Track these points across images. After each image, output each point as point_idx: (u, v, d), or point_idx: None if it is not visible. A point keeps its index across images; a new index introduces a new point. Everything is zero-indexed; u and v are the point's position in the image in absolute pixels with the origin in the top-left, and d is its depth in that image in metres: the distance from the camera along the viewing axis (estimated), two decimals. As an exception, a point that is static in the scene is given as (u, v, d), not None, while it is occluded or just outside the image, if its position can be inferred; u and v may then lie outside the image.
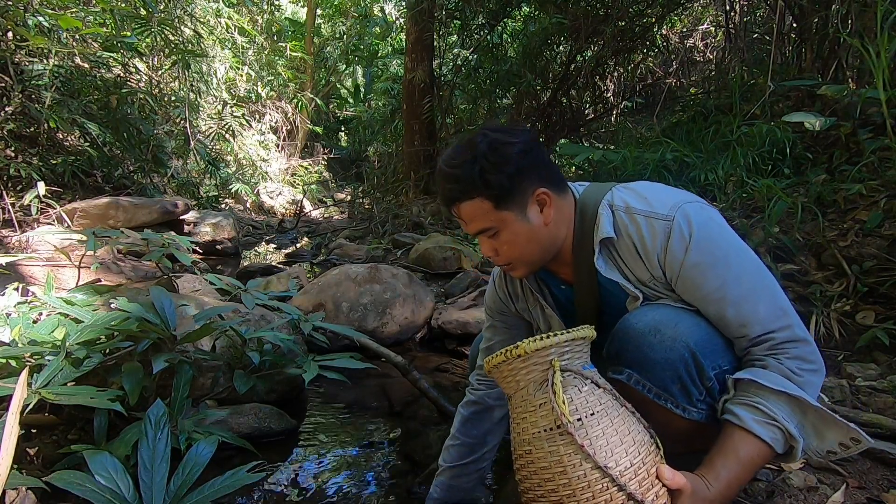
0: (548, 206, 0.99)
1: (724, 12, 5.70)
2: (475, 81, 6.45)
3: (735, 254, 0.90)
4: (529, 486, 0.75)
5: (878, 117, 2.74)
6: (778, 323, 0.87)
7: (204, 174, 6.91)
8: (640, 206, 0.95)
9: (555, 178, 1.01)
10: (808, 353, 0.87)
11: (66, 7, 4.56)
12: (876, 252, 2.20)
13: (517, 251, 1.00)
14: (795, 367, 0.86)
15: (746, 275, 0.89)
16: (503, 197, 0.95)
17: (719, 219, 0.93)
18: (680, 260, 0.90)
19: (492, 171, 0.94)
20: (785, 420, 0.82)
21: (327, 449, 1.46)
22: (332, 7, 12.78)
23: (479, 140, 0.96)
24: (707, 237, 0.90)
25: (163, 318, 1.42)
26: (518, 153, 0.96)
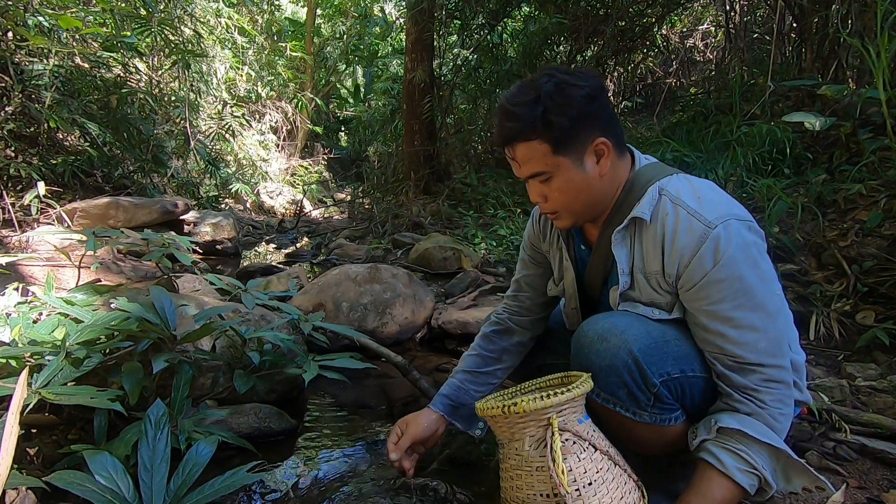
0: (605, 157, 0.96)
1: (724, 12, 5.70)
2: (475, 81, 6.45)
3: (761, 286, 0.89)
4: None
5: (878, 117, 2.74)
6: (772, 360, 0.90)
7: (204, 174, 6.91)
8: (691, 201, 0.92)
9: (618, 133, 0.99)
10: (787, 397, 0.91)
11: (66, 7, 4.56)
12: (876, 252, 2.20)
13: (566, 199, 0.99)
14: (777, 414, 0.90)
15: (763, 309, 0.90)
16: (562, 141, 0.93)
17: (761, 245, 0.92)
18: (706, 270, 0.89)
19: (555, 113, 0.91)
20: (763, 469, 0.87)
21: (327, 449, 1.46)
22: (332, 7, 12.77)
23: (544, 80, 0.93)
24: (741, 259, 0.88)
25: (163, 318, 1.42)
26: (584, 97, 0.92)
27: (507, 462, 0.80)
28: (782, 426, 0.90)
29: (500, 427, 0.82)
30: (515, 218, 4.67)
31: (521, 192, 5.49)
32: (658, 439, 0.98)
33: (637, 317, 0.97)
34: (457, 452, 1.44)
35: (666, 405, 0.93)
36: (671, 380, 0.92)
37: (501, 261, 3.86)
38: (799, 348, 1.04)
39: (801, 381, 1.02)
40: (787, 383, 0.91)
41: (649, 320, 0.96)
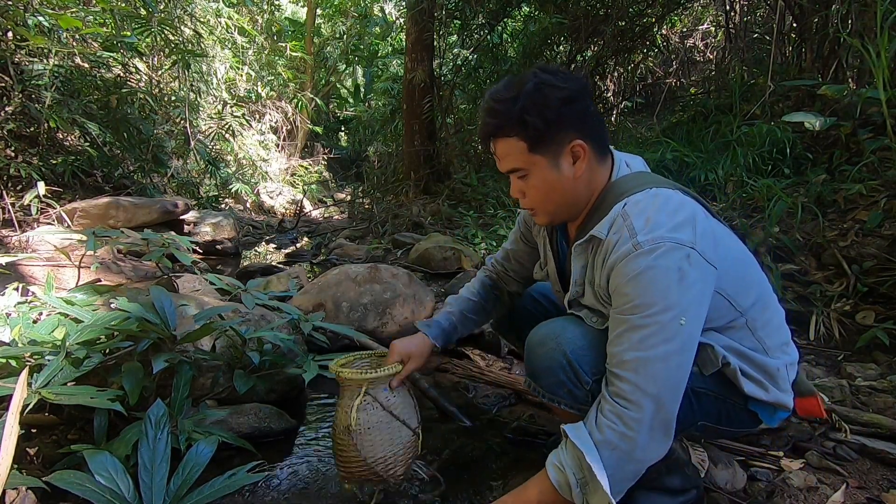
0: (581, 160, 0.98)
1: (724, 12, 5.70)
2: (475, 81, 6.45)
3: (660, 312, 0.86)
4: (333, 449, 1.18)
5: (878, 117, 2.74)
6: (630, 375, 0.86)
7: (204, 174, 6.90)
8: (638, 222, 0.92)
9: (598, 137, 1.00)
10: (632, 420, 0.85)
11: (66, 7, 4.56)
12: (876, 252, 2.20)
13: (541, 197, 1.02)
14: (606, 424, 0.87)
15: (647, 330, 0.86)
16: (538, 140, 0.96)
17: (689, 273, 0.87)
18: (617, 283, 0.91)
19: (531, 113, 0.94)
20: (568, 470, 0.88)
21: (327, 449, 1.46)
22: (332, 7, 12.77)
23: (527, 79, 0.95)
24: (649, 279, 0.87)
25: (163, 318, 1.42)
26: (562, 98, 0.94)
27: (338, 403, 1.17)
28: (604, 438, 0.86)
29: (341, 381, 1.16)
30: (515, 218, 4.65)
31: (521, 192, 5.48)
32: None
33: (576, 321, 1.03)
34: (457, 453, 1.44)
35: None
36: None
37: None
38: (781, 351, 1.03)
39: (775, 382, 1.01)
40: (636, 404, 0.85)
41: (580, 324, 1.02)
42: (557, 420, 1.58)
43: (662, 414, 0.86)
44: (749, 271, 1.04)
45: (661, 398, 0.85)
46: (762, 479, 1.23)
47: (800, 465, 1.29)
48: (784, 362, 1.03)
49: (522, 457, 1.42)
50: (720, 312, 0.98)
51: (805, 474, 1.23)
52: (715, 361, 0.97)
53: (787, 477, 1.23)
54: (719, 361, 0.97)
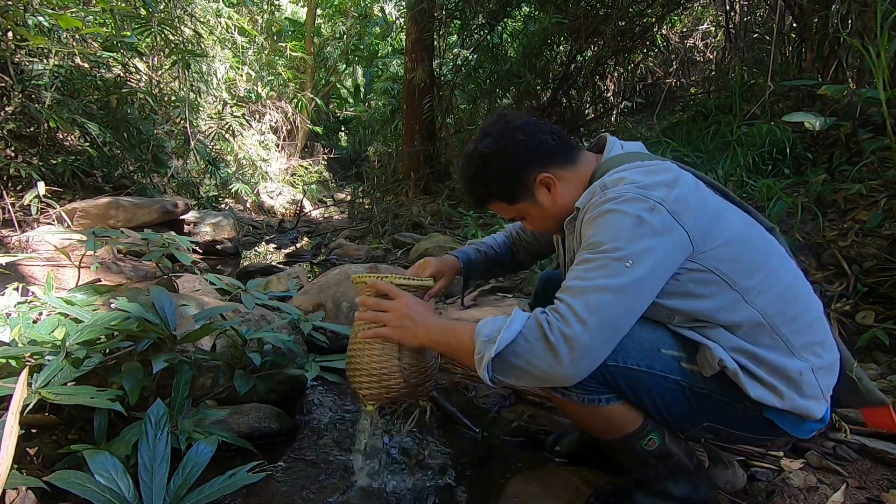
0: (553, 187, 1.09)
1: (724, 12, 5.70)
2: (475, 81, 6.45)
3: (612, 250, 0.88)
4: (359, 361, 1.12)
5: (878, 117, 2.74)
6: (568, 298, 0.88)
7: (204, 174, 6.90)
8: (611, 182, 0.98)
9: (557, 153, 1.10)
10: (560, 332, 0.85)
11: (66, 7, 4.55)
12: (876, 252, 2.20)
13: (540, 225, 1.19)
14: (542, 321, 0.88)
15: (593, 263, 0.89)
16: (510, 196, 1.12)
17: (649, 224, 0.88)
18: (583, 228, 0.97)
19: (492, 184, 1.12)
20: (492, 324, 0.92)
21: (327, 449, 1.46)
22: (332, 7, 12.77)
23: (476, 154, 1.12)
24: (603, 222, 0.92)
25: (163, 318, 1.42)
26: (508, 159, 1.08)
27: None
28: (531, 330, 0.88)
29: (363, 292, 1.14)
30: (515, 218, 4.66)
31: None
32: (598, 420, 1.04)
33: None
34: (458, 453, 1.44)
35: (590, 388, 0.98)
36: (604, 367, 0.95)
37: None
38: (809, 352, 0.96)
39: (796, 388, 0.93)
40: (565, 319, 0.86)
41: None
42: (557, 419, 1.58)
43: (590, 341, 0.85)
44: (754, 255, 0.97)
45: (590, 325, 0.85)
46: (762, 479, 1.23)
47: (800, 465, 1.29)
48: (811, 365, 0.94)
49: (522, 456, 1.42)
50: (715, 291, 0.93)
51: (805, 474, 1.23)
52: (712, 364, 0.92)
53: (787, 477, 1.23)
54: (716, 364, 0.92)
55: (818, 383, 0.95)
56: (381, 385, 1.10)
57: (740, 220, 1.01)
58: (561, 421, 1.57)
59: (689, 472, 1.06)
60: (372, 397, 1.12)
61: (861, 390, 1.03)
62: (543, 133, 1.09)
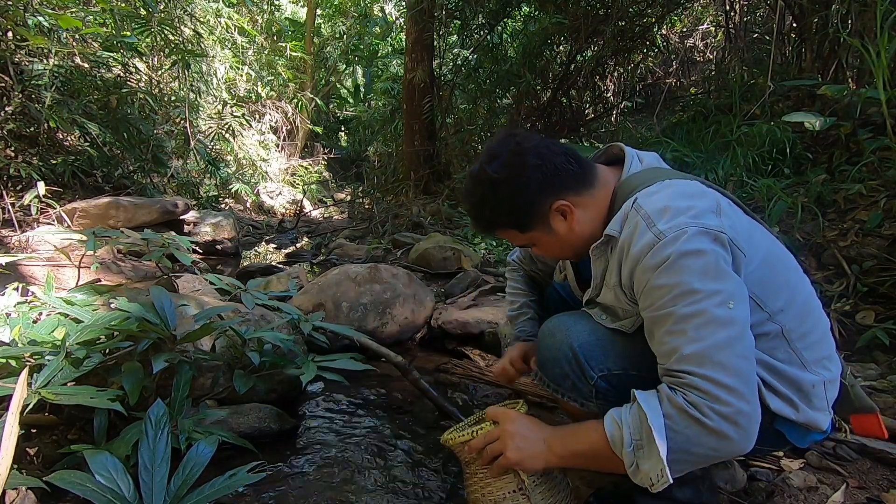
0: (570, 214, 1.00)
1: (724, 12, 5.70)
2: (475, 81, 6.45)
3: (703, 295, 0.81)
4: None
5: (878, 117, 2.74)
6: (698, 369, 0.79)
7: (204, 174, 6.90)
8: (654, 213, 0.89)
9: (573, 177, 1.00)
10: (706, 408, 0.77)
11: (66, 7, 4.56)
12: (876, 252, 2.20)
13: (556, 253, 1.11)
14: (678, 405, 0.79)
15: (700, 317, 0.81)
16: (521, 224, 1.02)
17: (720, 255, 0.84)
18: (647, 277, 0.87)
19: (502, 213, 1.02)
20: (627, 425, 0.83)
21: (327, 449, 1.46)
22: (332, 7, 12.77)
23: (484, 178, 1.01)
24: (684, 266, 0.83)
25: (163, 318, 1.42)
26: (521, 187, 0.98)
27: (475, 477, 1.03)
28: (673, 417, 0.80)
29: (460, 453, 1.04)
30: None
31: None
32: None
33: (588, 317, 1.03)
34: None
35: (610, 399, 0.95)
36: (612, 375, 0.94)
37: (501, 261, 3.86)
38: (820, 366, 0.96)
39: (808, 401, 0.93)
40: (712, 395, 0.78)
41: (596, 322, 1.01)
42: (558, 420, 1.58)
43: (740, 403, 0.78)
44: (779, 273, 0.96)
45: (734, 387, 0.78)
46: (762, 479, 1.23)
47: (800, 465, 1.29)
48: (822, 379, 0.94)
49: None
50: None
51: (805, 474, 1.23)
52: None
53: (787, 477, 1.23)
54: None
55: (826, 396, 0.95)
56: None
57: (762, 237, 0.99)
58: (561, 421, 1.57)
59: (693, 479, 1.05)
60: None
61: (852, 397, 1.03)
62: (558, 156, 0.99)
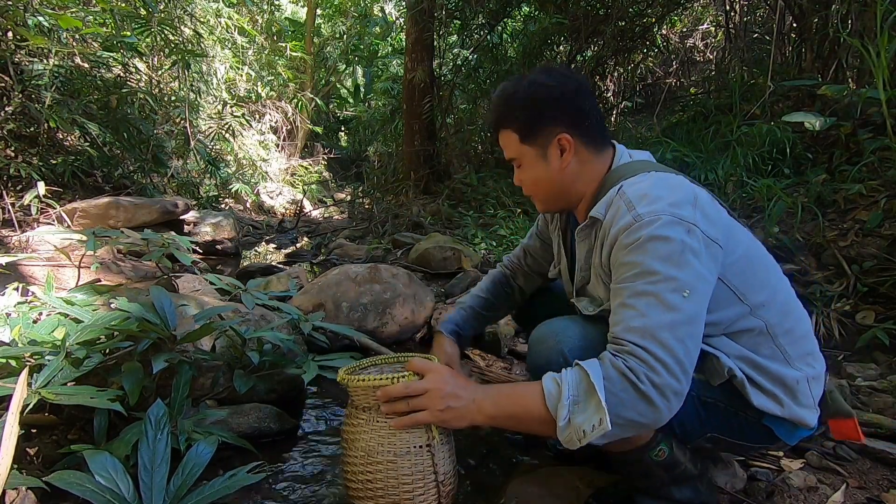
0: (567, 153, 1.05)
1: (724, 12, 5.70)
2: (475, 81, 6.45)
3: (663, 280, 0.85)
4: (383, 486, 0.96)
5: (878, 117, 2.74)
6: (640, 340, 0.83)
7: (204, 174, 6.90)
8: (636, 198, 0.94)
9: (591, 131, 1.06)
10: (643, 375, 0.81)
11: (66, 7, 4.56)
12: (876, 252, 2.20)
13: (532, 186, 1.12)
14: (618, 371, 0.83)
15: (652, 297, 0.85)
16: (526, 133, 1.06)
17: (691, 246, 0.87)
18: (619, 256, 0.93)
19: (520, 108, 1.05)
20: (567, 382, 0.86)
21: (327, 449, 1.46)
22: (332, 7, 12.77)
23: (525, 77, 1.07)
24: (652, 249, 0.87)
25: (163, 318, 1.42)
26: (550, 97, 1.03)
27: (375, 423, 0.98)
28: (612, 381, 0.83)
29: (367, 397, 0.98)
30: (515, 218, 4.67)
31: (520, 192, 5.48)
32: None
33: (578, 321, 1.04)
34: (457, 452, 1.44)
35: None
36: None
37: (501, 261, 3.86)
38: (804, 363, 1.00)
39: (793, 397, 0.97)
40: (649, 365, 0.82)
41: (589, 324, 1.02)
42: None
43: (672, 381, 0.82)
44: (759, 269, 1.00)
45: (674, 369, 0.82)
46: (762, 479, 1.23)
47: (800, 465, 1.29)
48: (806, 375, 0.98)
49: (522, 456, 1.42)
50: (723, 304, 0.95)
51: (805, 474, 1.23)
52: (721, 372, 0.94)
53: (787, 477, 1.23)
54: (725, 373, 0.94)
55: (811, 392, 0.99)
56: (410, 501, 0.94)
57: (743, 234, 1.02)
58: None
59: (692, 478, 1.06)
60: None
61: (829, 402, 1.05)
62: (591, 104, 1.06)
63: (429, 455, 0.96)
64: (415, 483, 0.95)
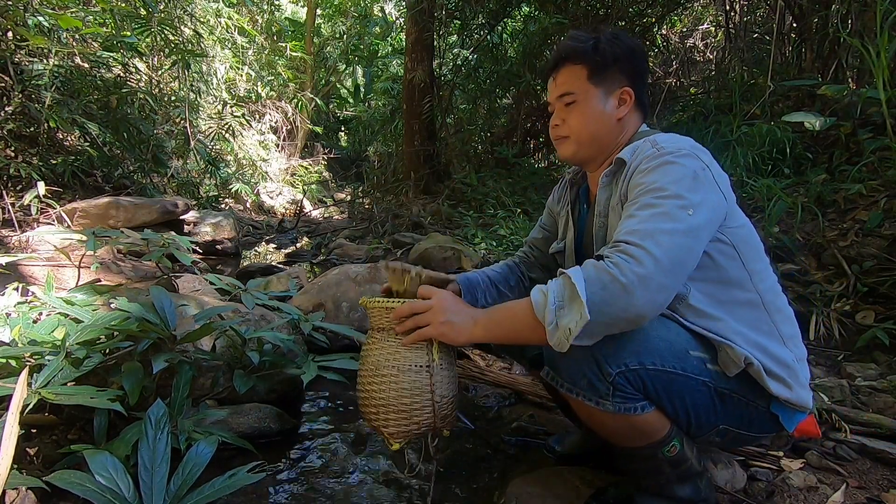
0: (626, 105, 1.11)
1: (724, 12, 5.70)
2: (475, 81, 6.45)
3: (672, 197, 0.90)
4: (385, 397, 1.03)
5: (878, 117, 2.74)
6: (638, 240, 0.86)
7: (204, 174, 6.90)
8: (661, 140, 1.01)
9: (643, 95, 1.13)
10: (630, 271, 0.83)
11: (66, 7, 4.56)
12: (876, 252, 2.20)
13: (580, 125, 1.12)
14: (604, 266, 0.85)
15: (658, 208, 0.90)
16: (600, 71, 1.09)
17: (703, 180, 0.94)
18: (637, 179, 0.97)
19: (604, 46, 1.08)
20: (552, 293, 0.88)
21: (327, 449, 1.46)
22: (332, 7, 12.78)
23: (605, 29, 1.13)
24: (663, 170, 0.94)
25: (163, 318, 1.42)
26: (630, 47, 1.10)
27: (385, 342, 1.05)
28: (598, 277, 0.84)
29: (382, 318, 1.06)
30: (515, 218, 4.67)
31: (520, 192, 5.49)
32: (628, 429, 0.99)
33: None
34: (457, 452, 1.44)
35: (628, 395, 0.95)
36: (629, 371, 0.93)
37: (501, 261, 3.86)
38: (794, 343, 1.03)
39: (796, 378, 0.99)
40: (639, 259, 0.84)
41: None
42: (558, 419, 1.58)
43: (661, 278, 0.84)
44: (757, 242, 1.05)
45: (662, 262, 0.84)
46: (762, 479, 1.23)
47: (800, 465, 1.29)
48: (798, 355, 1.03)
49: (522, 456, 1.42)
50: (728, 263, 0.99)
51: (805, 474, 1.23)
52: (737, 362, 0.95)
53: (787, 477, 1.23)
54: (741, 362, 0.95)
55: (803, 373, 1.03)
56: (412, 422, 1.02)
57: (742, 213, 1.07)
58: (561, 421, 1.57)
59: (696, 475, 1.06)
60: (400, 435, 1.03)
61: None
62: (647, 84, 1.15)
63: (427, 374, 1.03)
64: (413, 398, 1.02)
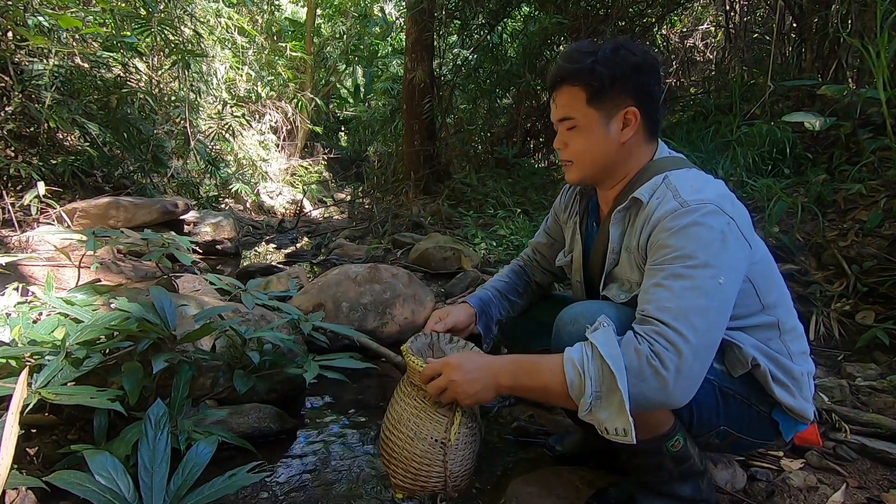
0: (630, 127, 1.03)
1: (724, 12, 5.70)
2: (475, 81, 6.44)
3: (702, 266, 0.87)
4: (398, 453, 1.02)
5: (878, 117, 2.74)
6: (673, 322, 0.84)
7: (204, 174, 6.89)
8: (683, 188, 0.95)
9: (652, 115, 1.05)
10: (670, 362, 0.82)
11: (66, 7, 4.55)
12: (876, 252, 2.20)
13: (581, 151, 1.06)
14: (645, 356, 0.83)
15: (689, 280, 0.87)
16: (598, 94, 1.01)
17: (730, 237, 0.90)
18: (660, 238, 0.93)
19: (601, 67, 1.00)
20: (590, 377, 0.85)
21: (327, 449, 1.46)
22: (332, 7, 12.77)
23: (609, 41, 1.04)
24: (695, 236, 0.89)
25: (163, 318, 1.42)
26: (632, 64, 1.00)
27: (412, 403, 1.03)
28: (638, 369, 0.83)
29: (412, 373, 1.03)
30: (515, 218, 4.67)
31: (520, 192, 5.49)
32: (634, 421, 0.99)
33: (611, 305, 1.02)
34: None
35: None
36: None
37: (501, 261, 3.86)
38: (802, 359, 1.04)
39: (800, 390, 1.00)
40: (677, 349, 0.82)
41: (622, 307, 1.00)
42: (557, 419, 1.58)
43: (697, 365, 0.84)
44: (773, 270, 1.04)
45: (698, 350, 0.84)
46: (762, 479, 1.23)
47: (800, 465, 1.29)
48: (805, 370, 1.03)
49: (522, 456, 1.42)
50: (745, 301, 0.97)
51: (805, 474, 1.23)
52: (744, 362, 0.96)
53: (787, 477, 1.23)
54: (748, 363, 0.96)
55: (809, 387, 1.03)
56: (418, 484, 1.01)
57: (758, 237, 1.05)
58: (561, 421, 1.57)
59: (697, 474, 1.06)
60: (405, 490, 1.04)
61: None
62: (660, 90, 1.07)
63: (441, 451, 1.00)
64: (422, 465, 1.00)
